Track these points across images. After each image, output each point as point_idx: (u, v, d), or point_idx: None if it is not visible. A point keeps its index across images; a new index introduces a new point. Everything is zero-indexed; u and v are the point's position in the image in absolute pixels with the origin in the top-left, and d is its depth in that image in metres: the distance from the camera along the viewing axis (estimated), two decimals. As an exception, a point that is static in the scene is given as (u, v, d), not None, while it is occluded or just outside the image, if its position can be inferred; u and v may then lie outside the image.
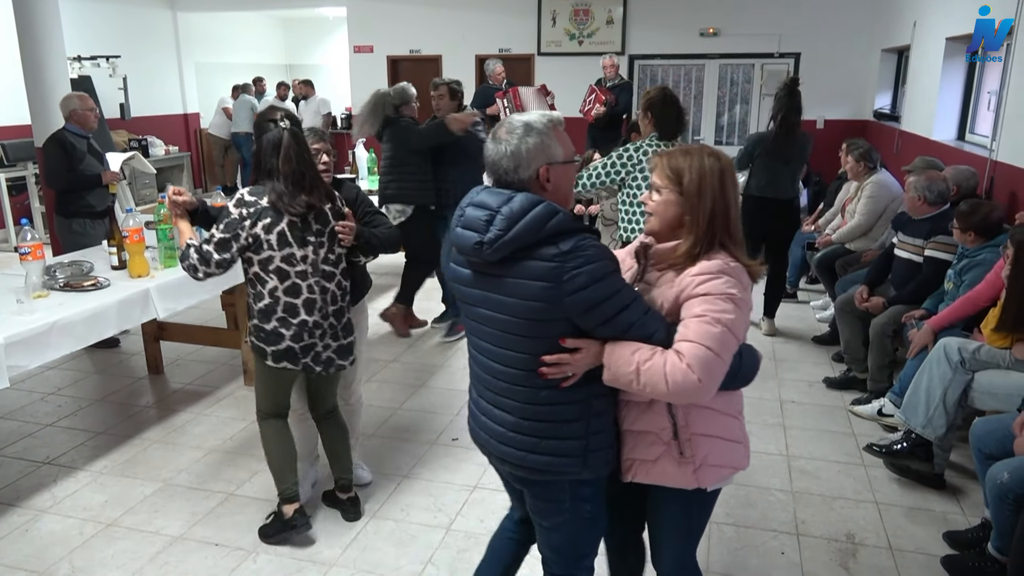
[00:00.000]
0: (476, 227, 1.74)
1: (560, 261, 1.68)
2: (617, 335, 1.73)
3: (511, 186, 1.79)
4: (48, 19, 6.06)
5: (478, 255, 1.74)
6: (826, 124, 9.09)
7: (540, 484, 1.92)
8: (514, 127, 1.79)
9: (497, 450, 1.94)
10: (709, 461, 1.86)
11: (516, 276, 1.73)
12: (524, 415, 1.85)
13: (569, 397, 1.80)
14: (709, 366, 1.65)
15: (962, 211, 3.73)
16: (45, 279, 3.48)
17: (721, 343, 1.67)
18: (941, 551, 2.92)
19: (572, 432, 1.83)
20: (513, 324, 1.78)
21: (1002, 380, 3.17)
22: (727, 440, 1.89)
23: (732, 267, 1.76)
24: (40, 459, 3.68)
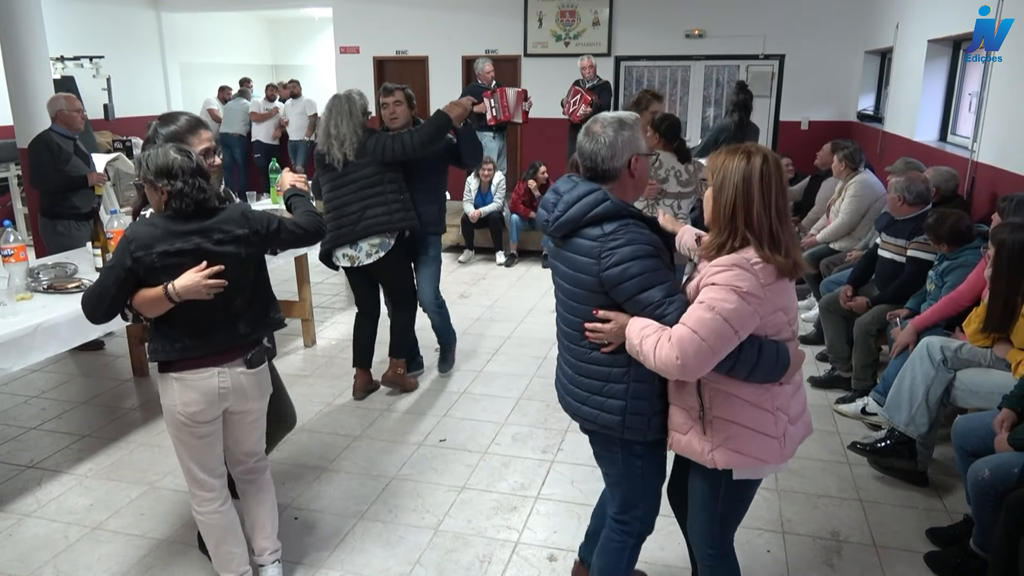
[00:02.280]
0: (547, 207, 2.08)
1: (601, 241, 1.96)
2: (638, 312, 1.95)
3: (605, 174, 2.05)
4: (30, 19, 6.01)
5: (546, 231, 2.09)
6: (810, 125, 9.16)
7: (594, 434, 2.21)
8: (608, 122, 2.05)
9: (563, 400, 2.25)
10: (728, 445, 1.96)
11: (572, 251, 2.03)
12: (578, 372, 2.14)
13: (612, 361, 2.05)
14: (692, 348, 1.80)
15: (929, 224, 3.79)
16: (28, 281, 3.45)
17: (711, 330, 1.79)
18: (924, 548, 2.95)
19: (614, 393, 2.07)
20: (570, 292, 2.07)
21: (983, 378, 3.21)
22: (753, 431, 1.96)
23: (750, 262, 1.84)
24: (24, 463, 3.64)
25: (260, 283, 2.52)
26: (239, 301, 2.41)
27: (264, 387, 2.56)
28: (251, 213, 2.42)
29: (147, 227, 2.29)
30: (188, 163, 2.25)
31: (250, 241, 2.38)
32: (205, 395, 2.38)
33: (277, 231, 2.46)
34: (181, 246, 2.27)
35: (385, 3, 10.19)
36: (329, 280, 6.88)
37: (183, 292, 2.25)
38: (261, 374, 2.52)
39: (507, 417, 4.12)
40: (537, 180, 7.43)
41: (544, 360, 4.93)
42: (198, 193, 2.27)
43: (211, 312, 2.35)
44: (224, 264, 2.31)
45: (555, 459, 3.67)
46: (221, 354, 2.40)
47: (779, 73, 9.20)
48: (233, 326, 2.41)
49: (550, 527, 3.12)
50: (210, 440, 2.48)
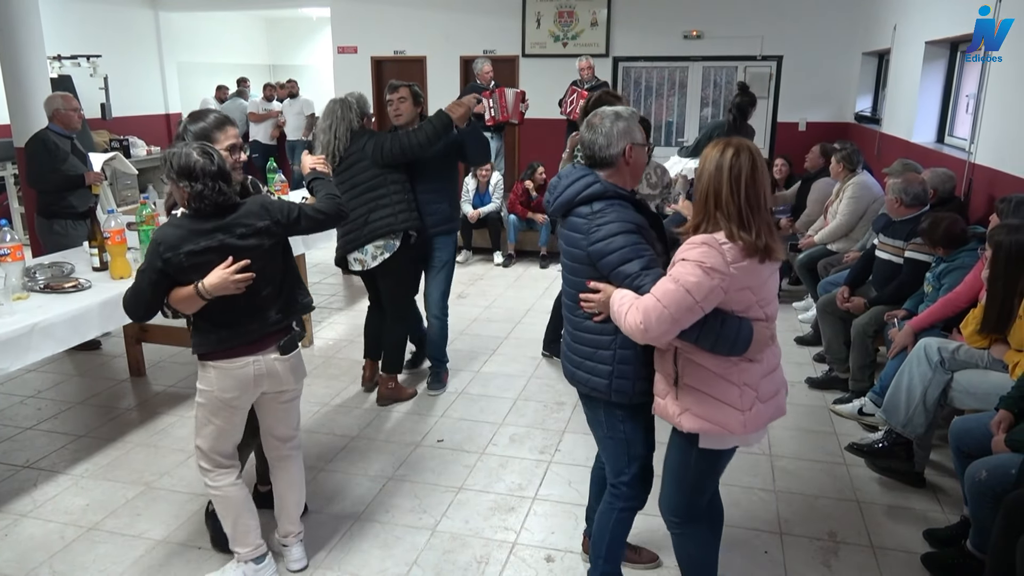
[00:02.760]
0: (551, 190, 2.35)
1: (590, 218, 2.19)
2: (619, 284, 2.14)
3: (603, 162, 2.24)
4: (28, 18, 6.00)
5: (549, 212, 2.36)
6: (808, 126, 9.17)
7: (585, 398, 2.42)
8: (606, 115, 2.24)
9: (564, 366, 2.46)
10: (695, 411, 2.13)
11: (569, 228, 2.28)
12: (575, 339, 2.36)
13: (601, 329, 2.25)
14: (654, 315, 1.98)
15: (924, 228, 3.80)
16: (25, 281, 3.44)
17: (673, 299, 1.97)
18: (921, 549, 2.96)
19: (602, 359, 2.27)
20: (568, 266, 2.32)
21: (981, 379, 3.21)
22: (719, 400, 2.11)
23: (718, 241, 2.00)
24: (20, 463, 3.63)
25: (287, 269, 2.60)
26: (268, 290, 2.50)
27: (298, 371, 2.66)
28: (270, 204, 2.50)
29: (173, 229, 2.38)
30: (209, 165, 2.31)
31: (272, 231, 2.46)
32: (241, 382, 2.49)
33: (298, 219, 2.54)
34: (207, 244, 2.35)
35: (383, 3, 10.18)
36: (327, 280, 6.87)
37: (213, 289, 2.35)
38: (295, 359, 2.62)
39: (504, 418, 4.11)
40: (535, 181, 7.43)
41: (541, 361, 4.93)
42: (217, 196, 2.33)
43: (243, 304, 2.44)
44: (250, 257, 2.39)
45: (552, 459, 3.67)
46: (255, 343, 2.50)
47: (777, 74, 9.21)
48: (264, 314, 2.50)
49: (547, 528, 3.12)
50: (239, 415, 2.58)
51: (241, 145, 2.64)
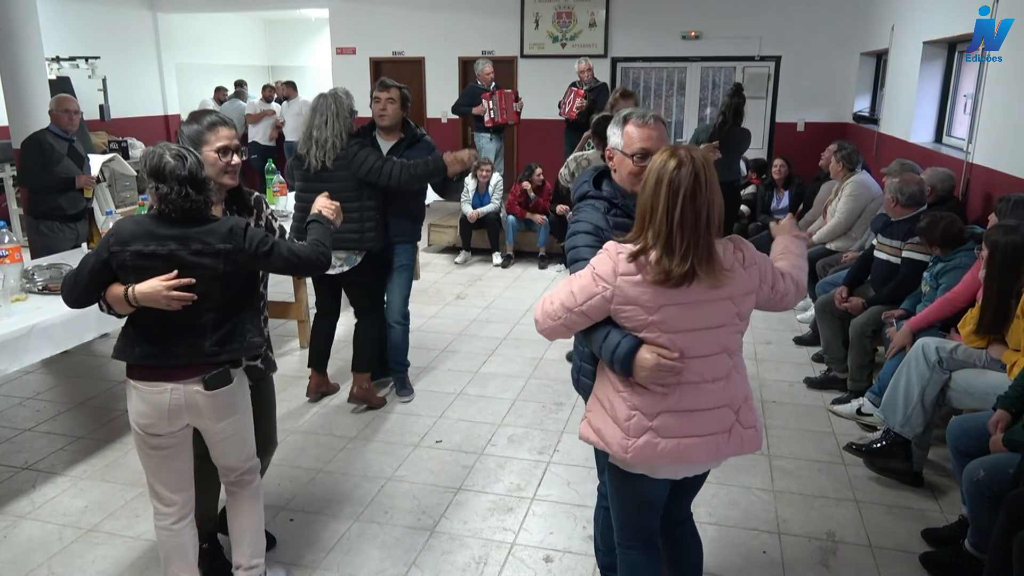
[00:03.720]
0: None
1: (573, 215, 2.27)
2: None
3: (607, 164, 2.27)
4: (26, 19, 6.00)
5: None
6: (806, 127, 9.18)
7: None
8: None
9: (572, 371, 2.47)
10: (588, 415, 2.13)
11: None
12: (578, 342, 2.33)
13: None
14: (542, 309, 2.04)
15: (922, 227, 3.81)
16: (23, 282, 3.44)
17: (560, 297, 1.99)
18: (920, 548, 2.96)
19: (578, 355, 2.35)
20: None
21: (978, 379, 3.21)
22: (606, 413, 2.05)
23: (616, 250, 1.92)
24: (18, 464, 3.63)
25: (243, 302, 2.38)
26: (210, 316, 2.27)
27: (226, 410, 2.37)
28: (240, 230, 2.26)
29: (132, 224, 2.25)
30: (179, 169, 2.16)
31: (231, 258, 2.25)
32: (156, 409, 2.28)
33: (268, 254, 2.30)
34: (155, 249, 2.19)
35: (382, 4, 10.19)
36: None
37: (141, 298, 2.18)
38: (221, 397, 2.33)
39: (503, 418, 4.12)
40: (533, 182, 7.43)
41: (540, 361, 4.93)
42: (183, 201, 2.17)
43: (175, 322, 2.24)
44: (197, 276, 2.21)
45: (551, 460, 3.67)
46: (178, 368, 2.27)
47: (775, 75, 9.22)
48: (198, 341, 2.27)
49: (546, 528, 3.12)
50: (167, 454, 2.36)
51: (235, 147, 2.46)
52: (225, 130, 2.43)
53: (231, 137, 2.44)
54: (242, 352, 2.35)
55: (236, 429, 2.44)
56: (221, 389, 2.31)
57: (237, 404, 2.41)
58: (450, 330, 5.54)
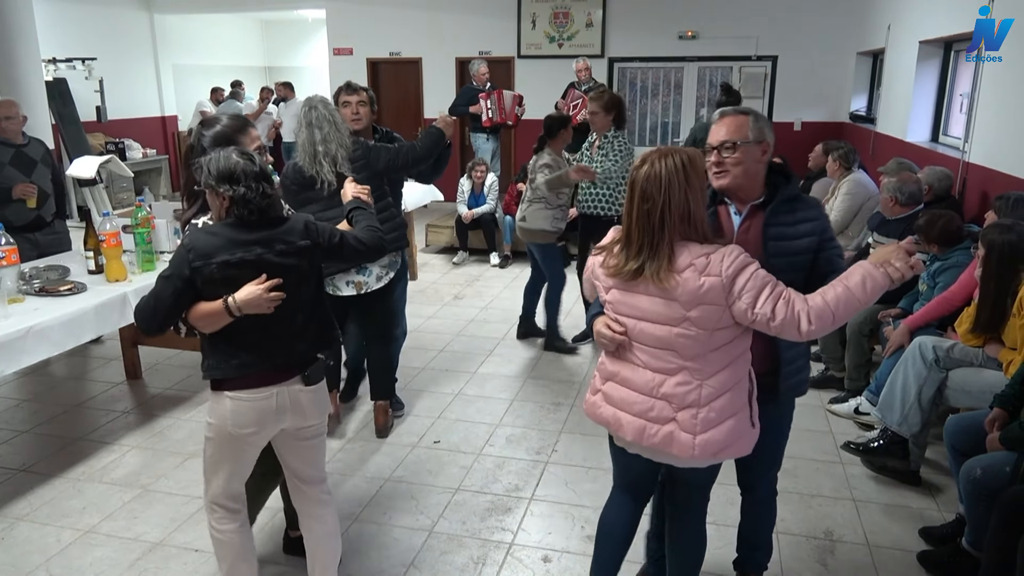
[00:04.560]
0: None
1: None
2: None
3: None
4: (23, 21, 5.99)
5: None
6: (803, 126, 9.19)
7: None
8: None
9: None
10: None
11: None
12: None
13: None
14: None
15: (920, 225, 3.81)
16: (20, 284, 3.44)
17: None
18: (917, 547, 2.97)
19: None
20: None
21: (975, 378, 3.22)
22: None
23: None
24: (16, 466, 3.63)
25: (320, 298, 2.38)
26: (300, 317, 2.27)
27: (323, 404, 2.40)
28: (314, 225, 2.28)
29: (207, 236, 2.15)
30: (251, 167, 2.12)
31: (312, 253, 2.26)
32: (261, 415, 2.24)
33: (339, 245, 2.33)
34: (243, 256, 2.13)
35: (379, 4, 10.19)
36: (323, 282, 6.86)
37: (244, 306, 2.12)
38: (320, 391, 2.37)
39: (501, 419, 4.12)
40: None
41: (538, 361, 4.94)
42: (262, 199, 2.13)
43: (272, 327, 2.21)
44: (285, 277, 2.18)
45: (549, 460, 3.67)
46: (280, 372, 2.26)
47: (772, 74, 9.23)
48: (293, 343, 2.27)
49: (544, 528, 3.12)
50: (252, 453, 2.35)
51: (263, 148, 2.42)
52: (254, 131, 2.42)
53: (259, 138, 2.45)
54: (331, 346, 2.40)
55: (323, 428, 2.47)
56: (317, 385, 2.34)
57: (327, 398, 2.44)
58: (448, 330, 5.54)
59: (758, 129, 2.16)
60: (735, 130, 2.14)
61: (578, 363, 4.92)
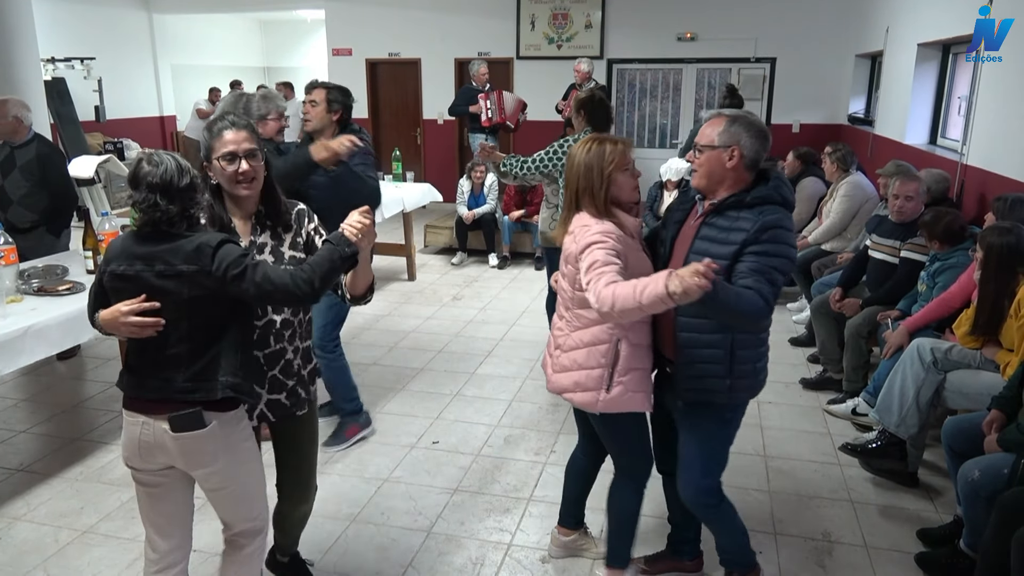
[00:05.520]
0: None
1: None
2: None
3: None
4: (22, 20, 5.98)
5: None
6: (802, 128, 9.20)
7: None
8: None
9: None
10: None
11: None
12: None
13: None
14: None
15: (926, 221, 3.82)
16: (19, 283, 3.43)
17: None
18: (915, 548, 2.97)
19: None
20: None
21: (973, 380, 3.23)
22: None
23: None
24: (14, 466, 3.62)
25: (222, 334, 2.05)
26: (179, 348, 2.01)
27: (198, 457, 2.06)
28: (209, 248, 1.96)
29: (118, 241, 2.06)
30: (152, 176, 1.94)
31: (196, 281, 1.96)
32: (131, 441, 2.07)
33: (239, 277, 1.95)
34: (124, 269, 1.99)
35: (378, 5, 10.19)
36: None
37: (104, 324, 2.01)
38: (188, 442, 2.02)
39: (500, 419, 4.12)
40: None
41: (537, 362, 4.93)
42: (151, 210, 1.95)
43: (148, 352, 2.03)
44: (162, 302, 1.97)
45: (548, 461, 3.67)
46: (152, 402, 2.03)
47: (770, 76, 9.24)
48: (169, 375, 2.02)
49: (543, 529, 3.12)
50: (152, 493, 2.13)
51: (246, 152, 2.14)
52: (231, 133, 2.15)
53: (239, 140, 2.15)
54: (212, 395, 2.02)
55: (220, 484, 2.14)
56: (189, 433, 2.01)
57: (215, 454, 2.07)
58: (447, 331, 5.54)
59: (729, 134, 2.21)
60: (706, 135, 2.27)
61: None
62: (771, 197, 2.19)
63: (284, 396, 2.33)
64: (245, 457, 2.16)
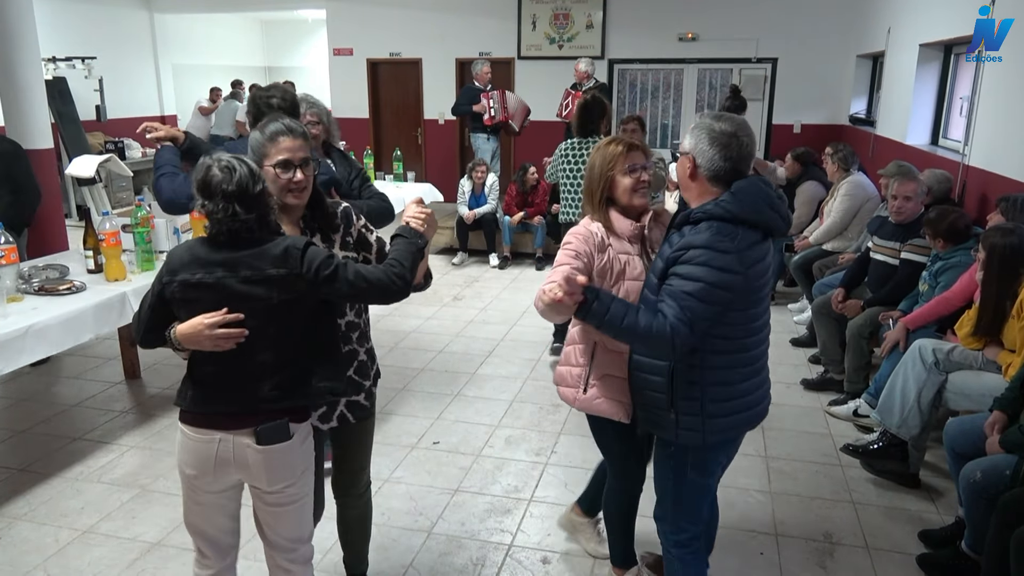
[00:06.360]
0: None
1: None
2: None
3: None
4: (22, 19, 5.97)
5: None
6: (803, 129, 9.20)
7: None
8: None
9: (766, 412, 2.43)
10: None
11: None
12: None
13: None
14: None
15: (930, 218, 3.82)
16: (19, 283, 3.43)
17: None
18: (916, 550, 2.96)
19: None
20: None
21: (975, 381, 3.22)
22: None
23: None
24: (15, 465, 3.62)
25: (308, 339, 2.00)
26: (265, 356, 1.95)
27: (280, 471, 2.01)
28: (296, 251, 1.91)
29: (182, 250, 1.97)
30: (226, 183, 1.86)
31: (286, 285, 1.90)
32: (202, 460, 1.98)
33: (331, 278, 1.91)
34: (202, 277, 1.90)
35: (379, 5, 10.18)
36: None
37: (183, 339, 1.91)
38: (275, 455, 1.98)
39: (500, 420, 4.11)
40: (526, 182, 7.43)
41: (537, 362, 4.93)
42: (229, 220, 1.87)
43: (228, 364, 1.95)
44: (249, 309, 1.90)
45: (548, 461, 3.67)
46: (230, 416, 1.97)
47: (772, 76, 9.23)
48: (253, 386, 1.95)
49: (544, 530, 3.12)
50: (210, 508, 2.08)
51: (301, 161, 2.06)
52: (288, 140, 2.05)
53: (295, 149, 2.05)
54: (308, 401, 2.03)
55: (292, 498, 2.07)
56: (276, 445, 1.97)
57: (295, 467, 2.04)
58: (447, 331, 5.54)
59: (689, 141, 2.06)
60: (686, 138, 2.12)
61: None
62: (713, 212, 1.96)
63: (363, 397, 2.34)
64: (311, 470, 2.13)
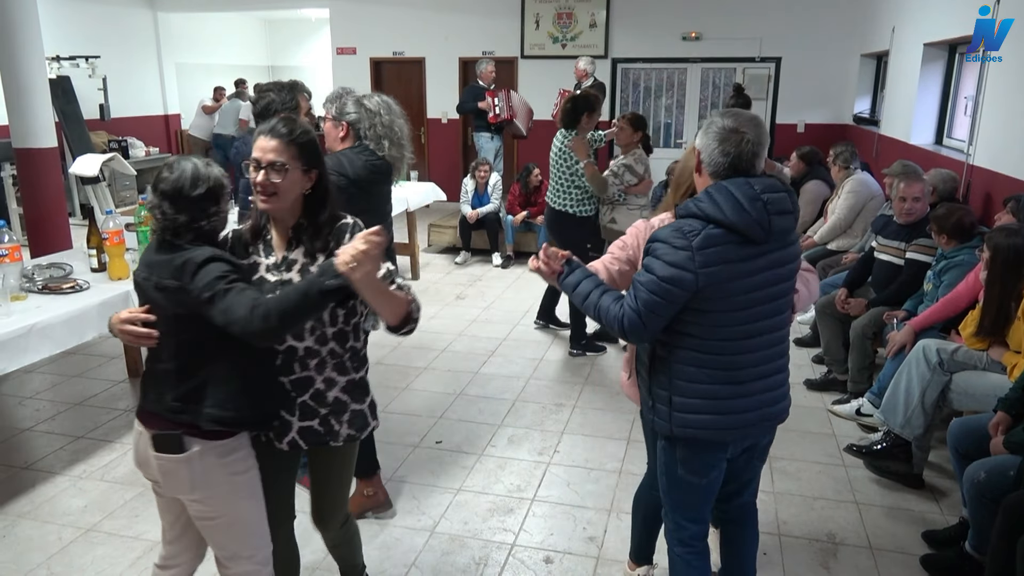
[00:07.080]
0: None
1: None
2: None
3: None
4: (27, 18, 5.98)
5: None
6: (807, 128, 9.18)
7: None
8: None
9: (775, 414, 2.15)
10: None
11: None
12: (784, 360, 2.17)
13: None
14: None
15: (938, 214, 3.81)
16: (23, 281, 3.43)
17: None
18: (920, 550, 2.96)
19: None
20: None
21: (979, 381, 3.21)
22: None
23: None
24: (18, 464, 3.63)
25: (211, 357, 1.92)
26: (168, 365, 1.94)
27: (176, 484, 1.97)
28: (193, 265, 1.83)
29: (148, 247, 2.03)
30: (164, 183, 1.88)
31: (177, 299, 1.86)
32: (135, 450, 2.06)
33: (208, 302, 1.81)
34: (137, 275, 1.97)
35: (382, 4, 10.19)
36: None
37: (111, 327, 1.99)
38: (167, 465, 1.94)
39: (503, 419, 4.11)
40: (530, 182, 7.43)
41: (540, 362, 4.93)
42: (163, 220, 1.89)
43: (149, 363, 2.01)
44: (158, 315, 1.92)
45: (551, 461, 3.66)
46: (146, 414, 1.98)
47: (775, 76, 9.22)
48: (160, 391, 1.95)
49: (546, 529, 3.12)
50: (158, 502, 2.14)
51: (268, 162, 1.92)
52: (262, 139, 1.95)
53: (266, 149, 1.92)
54: (197, 422, 1.91)
55: (203, 512, 2.02)
56: (167, 456, 1.93)
57: (191, 483, 1.96)
58: (450, 330, 5.54)
59: (699, 137, 2.06)
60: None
61: (580, 364, 4.91)
62: (688, 209, 1.98)
63: (317, 423, 2.11)
64: (236, 490, 2.01)
